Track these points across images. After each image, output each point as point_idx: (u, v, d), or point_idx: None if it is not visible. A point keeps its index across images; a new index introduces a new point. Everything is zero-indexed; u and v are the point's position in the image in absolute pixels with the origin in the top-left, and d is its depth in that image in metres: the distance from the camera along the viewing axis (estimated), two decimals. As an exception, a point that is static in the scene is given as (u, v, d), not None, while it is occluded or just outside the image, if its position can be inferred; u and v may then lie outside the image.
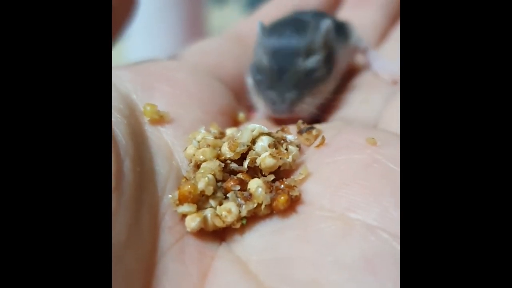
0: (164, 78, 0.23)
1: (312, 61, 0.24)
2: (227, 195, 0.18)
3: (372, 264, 0.15)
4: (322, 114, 0.26)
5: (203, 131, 0.21)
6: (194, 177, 0.18)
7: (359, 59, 0.31)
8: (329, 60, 0.26)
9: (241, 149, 0.19)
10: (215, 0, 1.21)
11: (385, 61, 0.29)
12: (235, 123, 0.24)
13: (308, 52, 0.24)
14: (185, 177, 0.19)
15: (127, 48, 0.71)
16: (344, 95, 0.28)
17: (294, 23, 0.26)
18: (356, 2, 0.34)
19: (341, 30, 0.29)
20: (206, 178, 0.18)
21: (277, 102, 0.24)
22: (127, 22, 0.24)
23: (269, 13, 0.32)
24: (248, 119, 0.26)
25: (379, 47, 0.32)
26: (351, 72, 0.31)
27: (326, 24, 0.25)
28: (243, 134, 0.19)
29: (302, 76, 0.24)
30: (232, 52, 0.28)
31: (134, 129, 0.19)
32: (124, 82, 0.21)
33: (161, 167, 0.19)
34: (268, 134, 0.20)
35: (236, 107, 0.25)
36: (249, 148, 0.19)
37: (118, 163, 0.16)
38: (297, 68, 0.24)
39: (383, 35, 0.33)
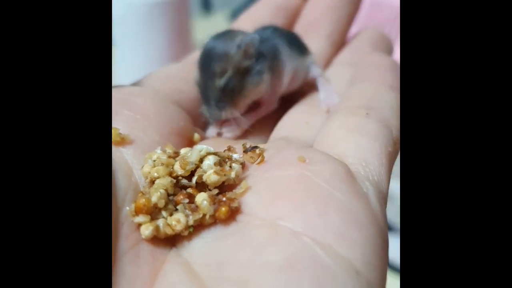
0: (126, 103, 0.26)
1: (224, 80, 0.29)
2: (177, 207, 0.21)
3: (295, 265, 0.18)
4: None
5: (159, 151, 0.23)
6: (149, 192, 0.21)
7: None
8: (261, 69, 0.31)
9: (190, 167, 0.22)
10: (200, 10, 1.23)
11: (328, 92, 0.33)
12: (191, 143, 0.27)
13: (221, 73, 0.29)
14: (141, 192, 0.22)
15: (114, 58, 0.73)
16: (291, 116, 0.31)
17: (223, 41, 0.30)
18: (303, 31, 0.37)
19: (297, 45, 0.34)
20: (159, 193, 0.21)
21: (208, 116, 0.30)
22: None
23: None
24: (202, 139, 0.29)
25: (324, 72, 0.36)
26: (302, 94, 0.34)
27: (241, 41, 0.30)
28: (192, 154, 0.23)
29: (218, 92, 0.29)
30: (191, 77, 0.31)
31: None
32: None
33: (122, 182, 0.22)
34: (214, 153, 0.23)
35: (192, 128, 0.28)
36: (197, 166, 0.22)
37: None
38: (214, 87, 0.29)
39: (328, 62, 0.37)
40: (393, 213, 0.56)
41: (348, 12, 0.38)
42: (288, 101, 0.34)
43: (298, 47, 0.34)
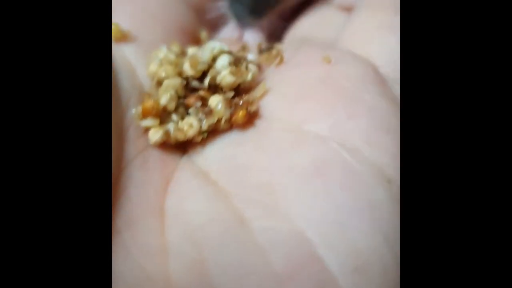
0: None
1: None
2: (189, 111, 0.19)
3: (320, 170, 0.16)
4: (286, 23, 0.27)
5: (165, 49, 0.21)
6: (157, 93, 0.19)
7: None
8: None
9: (201, 67, 0.20)
10: None
11: None
12: (197, 41, 0.25)
13: None
14: (148, 93, 0.20)
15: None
16: (308, 15, 0.28)
17: None
18: None
19: None
20: (168, 94, 0.19)
21: (240, 16, 0.25)
22: None
23: None
24: (210, 37, 0.26)
25: None
26: None
27: None
28: (203, 52, 0.20)
29: None
30: None
31: None
32: None
33: (125, 83, 0.19)
34: (229, 52, 0.20)
35: (198, 25, 0.25)
36: (210, 66, 0.20)
37: None
38: None
39: None
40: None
41: None
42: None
43: None
